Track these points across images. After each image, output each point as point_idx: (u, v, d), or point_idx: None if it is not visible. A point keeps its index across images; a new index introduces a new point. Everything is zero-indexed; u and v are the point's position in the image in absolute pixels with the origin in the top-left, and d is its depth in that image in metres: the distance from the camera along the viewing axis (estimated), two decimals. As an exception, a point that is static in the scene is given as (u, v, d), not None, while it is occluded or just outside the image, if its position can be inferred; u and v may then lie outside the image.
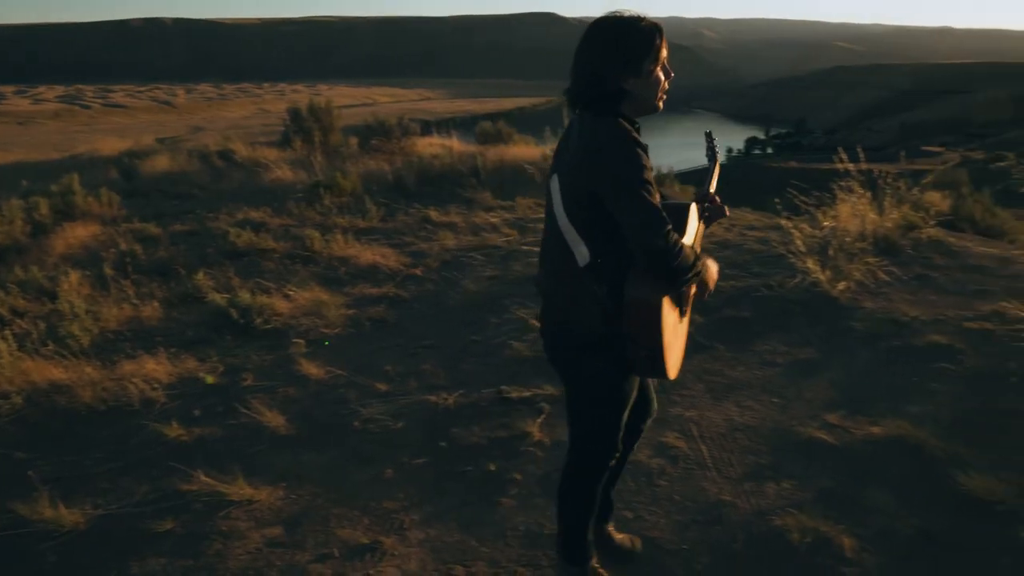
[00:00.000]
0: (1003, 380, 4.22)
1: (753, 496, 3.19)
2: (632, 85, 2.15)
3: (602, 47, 2.15)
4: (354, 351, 4.87)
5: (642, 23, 2.16)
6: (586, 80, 2.16)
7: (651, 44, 2.16)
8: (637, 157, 2.06)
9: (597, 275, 2.17)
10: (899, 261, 6.77)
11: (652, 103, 2.22)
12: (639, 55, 2.14)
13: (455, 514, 3.12)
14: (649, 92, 2.19)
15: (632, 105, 2.19)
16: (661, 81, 2.21)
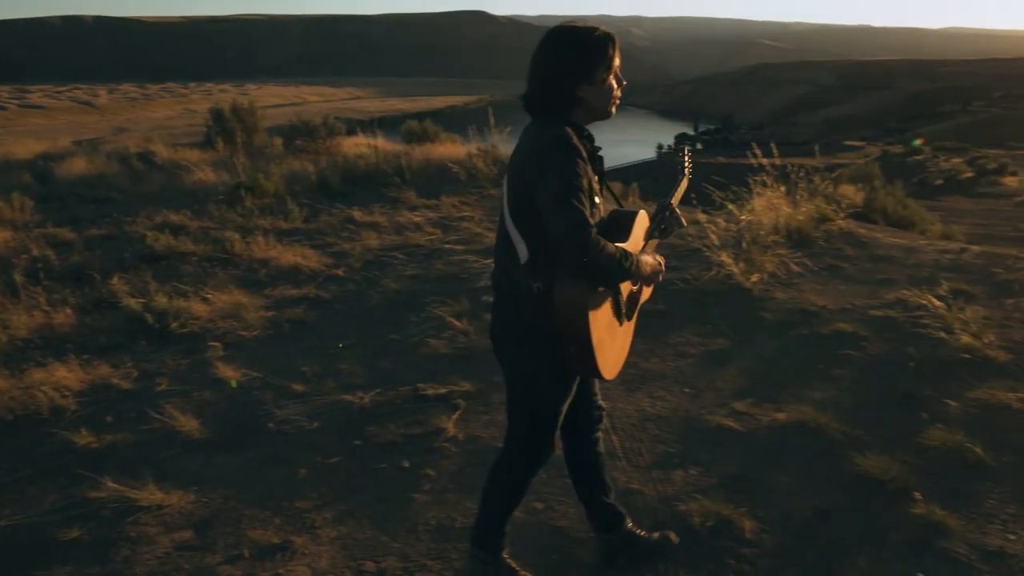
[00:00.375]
0: (902, 365, 4.43)
1: (661, 483, 3.29)
2: (586, 92, 2.24)
3: (558, 55, 2.23)
4: (272, 353, 4.83)
5: (596, 33, 2.24)
6: (543, 87, 2.25)
7: (605, 53, 2.24)
8: (572, 163, 2.12)
9: (534, 272, 2.24)
10: (811, 252, 7.03)
11: (605, 109, 2.31)
12: (594, 63, 2.23)
13: (368, 511, 3.14)
14: (603, 99, 2.28)
15: (585, 112, 2.28)
16: (614, 88, 2.29)
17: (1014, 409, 3.87)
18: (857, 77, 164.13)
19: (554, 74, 2.23)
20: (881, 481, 3.21)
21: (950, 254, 7.16)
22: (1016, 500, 3.15)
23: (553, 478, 3.34)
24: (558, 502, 3.17)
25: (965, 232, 14.79)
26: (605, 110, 2.31)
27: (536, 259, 2.24)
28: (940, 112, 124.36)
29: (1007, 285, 6.02)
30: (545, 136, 2.19)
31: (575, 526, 3.01)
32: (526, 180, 2.19)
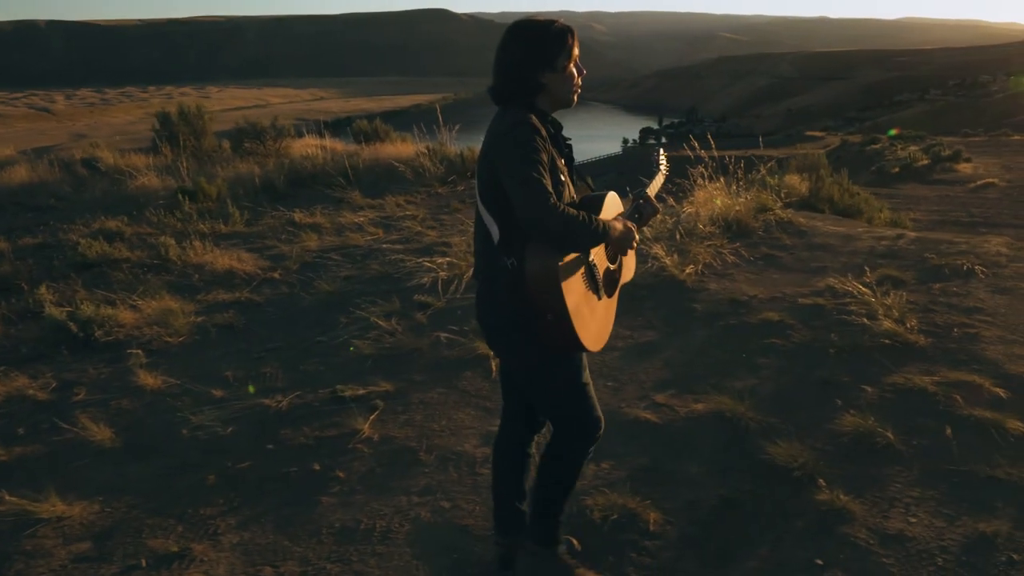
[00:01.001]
0: (823, 352, 4.47)
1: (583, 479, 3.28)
2: (549, 79, 2.36)
3: (522, 47, 2.36)
4: (197, 359, 4.76)
5: (556, 24, 2.39)
6: (508, 77, 2.37)
7: (564, 42, 2.37)
8: (530, 139, 2.23)
9: (507, 249, 2.31)
10: (749, 243, 7.09)
11: (567, 97, 2.43)
12: (555, 53, 2.35)
13: (273, 516, 3.10)
14: (564, 86, 2.40)
15: (549, 99, 2.40)
16: (574, 77, 2.42)
17: (929, 392, 3.93)
18: (817, 68, 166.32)
19: (518, 64, 2.35)
20: (789, 469, 3.24)
21: (886, 241, 7.26)
22: (921, 483, 3.20)
23: (464, 477, 3.34)
24: (466, 501, 3.16)
25: (921, 218, 15.05)
26: (567, 97, 2.43)
27: (508, 236, 2.31)
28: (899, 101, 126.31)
29: (937, 270, 6.12)
30: (508, 119, 2.30)
31: (479, 524, 3.00)
32: (490, 160, 2.29)
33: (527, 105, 2.36)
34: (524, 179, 2.17)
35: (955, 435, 3.51)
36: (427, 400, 4.05)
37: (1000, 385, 3.98)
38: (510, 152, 2.23)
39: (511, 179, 2.21)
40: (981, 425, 3.61)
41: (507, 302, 2.33)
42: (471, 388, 4.19)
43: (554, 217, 2.15)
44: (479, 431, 3.70)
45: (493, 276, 2.37)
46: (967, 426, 3.61)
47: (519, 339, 2.37)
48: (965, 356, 4.40)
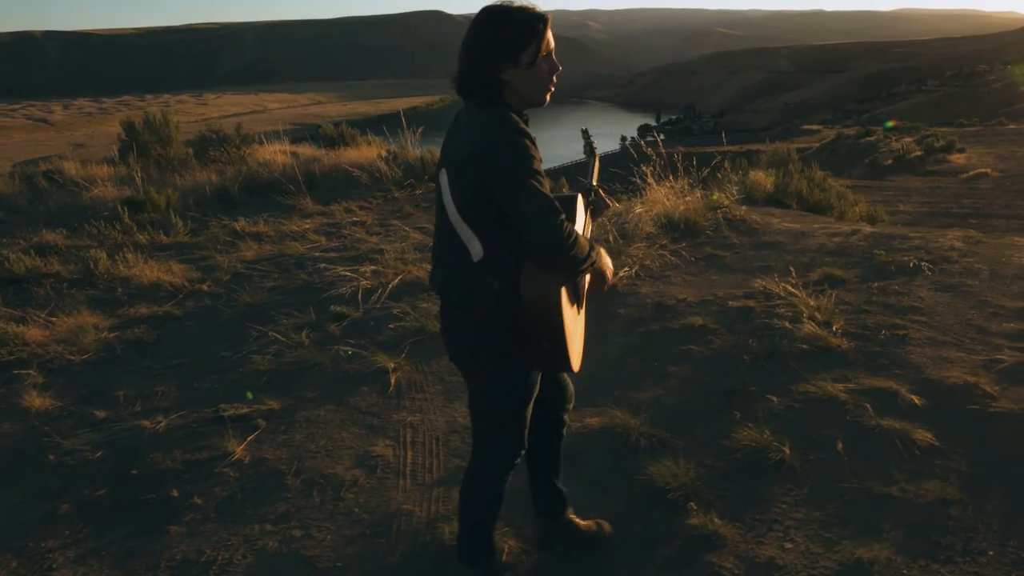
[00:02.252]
0: (737, 360, 4.29)
1: (438, 503, 3.10)
2: (512, 76, 2.09)
3: (481, 36, 2.09)
4: (94, 377, 4.59)
5: (524, 12, 2.09)
6: (466, 69, 2.11)
7: (531, 35, 2.09)
8: (526, 148, 2.00)
9: (492, 269, 2.11)
10: (695, 243, 6.92)
11: (535, 96, 2.16)
12: (518, 45, 2.08)
13: (115, 547, 2.93)
14: (530, 85, 2.12)
15: (515, 96, 2.13)
16: (543, 74, 2.13)
17: (839, 401, 3.74)
18: (813, 62, 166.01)
19: (479, 54, 2.09)
20: (665, 490, 3.05)
21: (839, 237, 7.08)
22: (809, 503, 3.01)
23: (326, 502, 3.16)
24: (319, 528, 2.97)
25: (910, 210, 14.86)
26: (534, 97, 2.16)
27: (494, 255, 2.11)
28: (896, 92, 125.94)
29: (883, 268, 5.94)
30: (487, 123, 2.05)
31: (325, 554, 2.81)
32: (474, 171, 2.04)
33: (498, 102, 2.11)
34: (532, 198, 1.97)
35: (856, 448, 3.34)
36: (313, 418, 3.88)
37: (917, 392, 3.80)
38: (511, 164, 1.99)
39: (516, 197, 1.99)
40: (887, 436, 3.42)
41: (485, 325, 2.16)
42: (363, 405, 4.01)
43: (569, 248, 2.01)
44: (356, 451, 3.53)
45: (466, 296, 2.15)
46: (871, 437, 3.43)
47: (488, 358, 2.23)
48: (887, 360, 4.21)
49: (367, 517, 3.03)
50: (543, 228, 1.98)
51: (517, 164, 1.99)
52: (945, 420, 3.54)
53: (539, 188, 1.99)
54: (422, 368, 4.42)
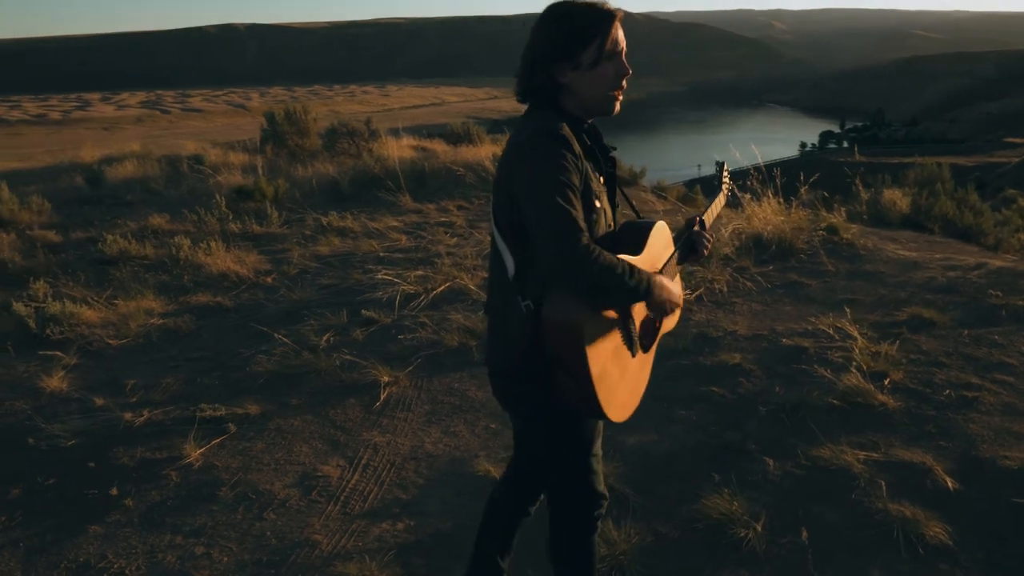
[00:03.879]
0: (753, 409, 3.80)
1: (350, 537, 2.90)
2: (570, 79, 1.89)
3: (540, 34, 1.91)
4: (119, 363, 4.73)
5: (588, 8, 1.89)
6: (523, 71, 1.93)
7: (593, 33, 1.87)
8: (558, 156, 1.78)
9: (522, 287, 1.88)
10: (785, 267, 6.33)
11: (599, 103, 1.94)
12: (577, 44, 1.87)
13: (33, 541, 2.95)
14: (592, 89, 1.91)
15: (574, 102, 1.92)
16: (608, 77, 1.91)
17: (850, 474, 3.21)
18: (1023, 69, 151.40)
19: (536, 54, 1.89)
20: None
21: (956, 271, 6.25)
22: (759, 594, 2.56)
23: (245, 520, 3.03)
24: (222, 550, 2.84)
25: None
26: (598, 103, 1.94)
27: (524, 272, 1.88)
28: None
29: (991, 312, 5.17)
30: (529, 127, 1.87)
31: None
32: (506, 177, 1.88)
33: (553, 108, 1.91)
34: (548, 207, 1.73)
35: (842, 536, 2.83)
36: (284, 427, 3.78)
37: (955, 472, 3.20)
38: (531, 169, 1.79)
39: (531, 204, 1.77)
40: (888, 526, 2.88)
41: (521, 349, 1.89)
42: (340, 418, 3.87)
43: (584, 265, 1.71)
44: (305, 468, 3.39)
45: (506, 316, 1.92)
46: (868, 525, 2.90)
47: (529, 391, 1.93)
48: (936, 428, 3.59)
49: (274, 543, 2.88)
50: (551, 240, 1.71)
51: (540, 171, 1.77)
52: (974, 514, 2.95)
53: (557, 198, 1.73)
54: (420, 384, 4.24)
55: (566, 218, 1.72)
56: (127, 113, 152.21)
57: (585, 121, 1.95)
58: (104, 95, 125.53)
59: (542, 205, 1.74)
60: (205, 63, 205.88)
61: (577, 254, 1.70)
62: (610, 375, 1.87)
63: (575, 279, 1.73)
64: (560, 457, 2.06)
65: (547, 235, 1.72)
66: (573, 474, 2.08)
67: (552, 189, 1.74)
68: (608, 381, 1.86)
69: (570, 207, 1.74)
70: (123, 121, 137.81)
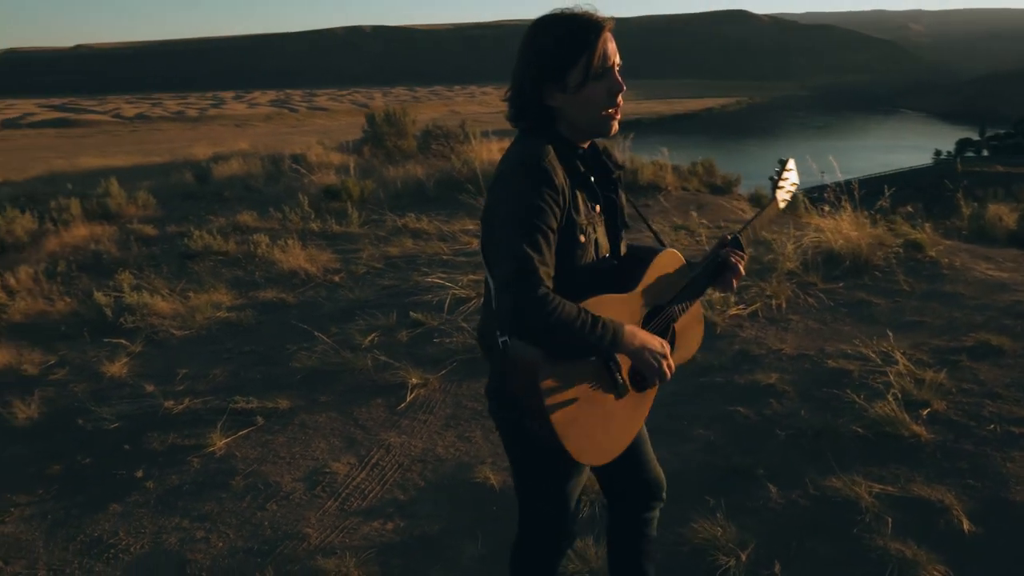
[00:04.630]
0: (771, 434, 3.68)
1: (339, 533, 3.01)
2: (559, 101, 1.76)
3: (523, 53, 1.77)
4: (180, 353, 5.03)
5: (571, 21, 1.74)
6: (511, 95, 1.81)
7: (578, 49, 1.71)
8: (532, 194, 1.66)
9: (499, 321, 1.74)
10: (855, 284, 6.08)
11: (592, 125, 1.79)
12: (562, 64, 1.72)
13: (59, 513, 3.22)
14: (583, 112, 1.76)
15: (567, 125, 1.79)
16: (599, 97, 1.75)
17: (857, 507, 3.07)
18: None
19: (522, 75, 1.76)
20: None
21: (1046, 297, 5.84)
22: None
23: (249, 508, 3.19)
24: (219, 535, 3.01)
25: None
26: (591, 126, 1.80)
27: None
28: None
29: (1070, 342, 4.81)
30: (513, 153, 1.77)
31: (201, 562, 2.84)
32: (487, 210, 1.79)
33: (545, 132, 1.78)
34: (510, 249, 1.62)
35: (822, 572, 2.72)
36: (308, 423, 3.94)
37: (976, 514, 3.02)
38: (503, 204, 1.69)
39: (496, 242, 1.69)
40: (883, 564, 2.75)
41: (497, 381, 1.85)
42: (363, 417, 4.00)
43: (536, 316, 1.58)
44: (316, 464, 3.54)
45: (491, 345, 1.82)
46: (864, 562, 2.78)
47: (510, 418, 1.87)
48: (968, 465, 3.39)
49: (268, 533, 3.02)
50: (506, 285, 1.60)
51: (509, 210, 1.67)
52: (985, 560, 2.77)
53: (521, 243, 1.62)
54: (448, 388, 4.32)
55: (524, 265, 1.61)
56: (258, 111, 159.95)
57: (579, 146, 1.82)
58: (237, 93, 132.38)
59: (505, 246, 1.64)
60: (332, 63, 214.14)
61: (530, 304, 1.58)
62: (582, 422, 1.75)
63: (526, 328, 1.61)
64: (534, 482, 1.98)
65: (503, 278, 1.62)
66: (541, 500, 1.99)
67: (518, 231, 1.63)
68: (577, 425, 1.74)
69: (534, 252, 1.62)
70: (253, 118, 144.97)
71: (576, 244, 1.75)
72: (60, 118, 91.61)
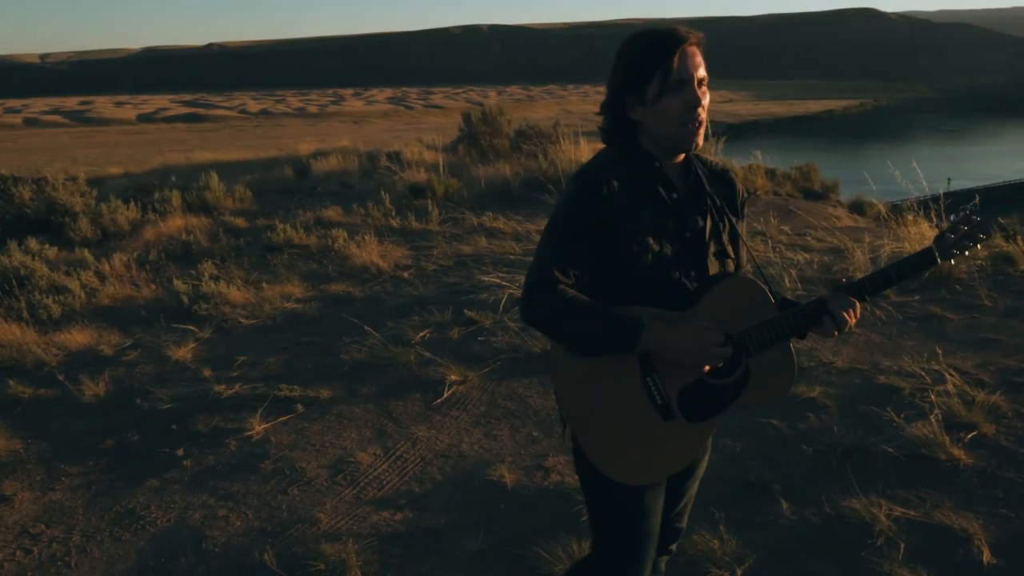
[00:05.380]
0: (799, 449, 3.58)
1: (350, 520, 3.14)
2: (640, 114, 1.80)
3: (612, 69, 1.82)
4: (244, 340, 5.30)
5: (652, 36, 1.77)
6: (603, 108, 1.86)
7: (654, 63, 1.74)
8: (575, 197, 1.77)
9: None
10: (932, 297, 5.81)
11: (671, 139, 1.80)
12: (640, 78, 1.75)
13: (102, 485, 3.48)
14: (661, 125, 1.78)
15: (649, 139, 1.83)
16: (675, 111, 1.75)
17: (871, 531, 2.96)
18: None
19: (608, 87, 1.82)
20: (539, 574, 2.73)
21: None
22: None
23: (272, 490, 3.35)
24: (239, 514, 3.18)
25: None
26: (671, 140, 1.80)
27: None
28: None
29: None
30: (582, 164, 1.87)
31: (218, 539, 3.01)
32: None
33: (628, 143, 1.84)
34: (541, 242, 1.78)
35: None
36: (344, 413, 4.10)
37: (1000, 546, 2.87)
38: (558, 201, 1.84)
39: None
40: (885, 591, 2.66)
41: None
42: (398, 410, 4.12)
43: (536, 297, 1.71)
44: (343, 453, 3.69)
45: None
46: (862, 587, 2.69)
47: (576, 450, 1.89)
48: (1005, 494, 3.22)
49: (284, 516, 3.18)
50: (528, 277, 1.76)
51: (557, 207, 1.82)
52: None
53: (550, 238, 1.76)
54: (487, 387, 4.40)
55: (543, 259, 1.74)
56: (375, 108, 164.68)
57: (667, 160, 1.83)
58: (356, 91, 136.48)
59: (539, 245, 1.79)
60: (448, 62, 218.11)
61: (536, 289, 1.71)
62: (607, 430, 1.78)
63: (530, 310, 1.73)
64: (603, 522, 1.95)
65: (528, 272, 1.76)
66: (608, 532, 1.95)
67: (550, 232, 1.77)
68: (604, 436, 1.78)
69: (557, 252, 1.74)
70: (371, 115, 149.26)
71: (626, 254, 1.77)
72: (190, 113, 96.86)
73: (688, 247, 1.84)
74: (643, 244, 1.77)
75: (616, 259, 1.78)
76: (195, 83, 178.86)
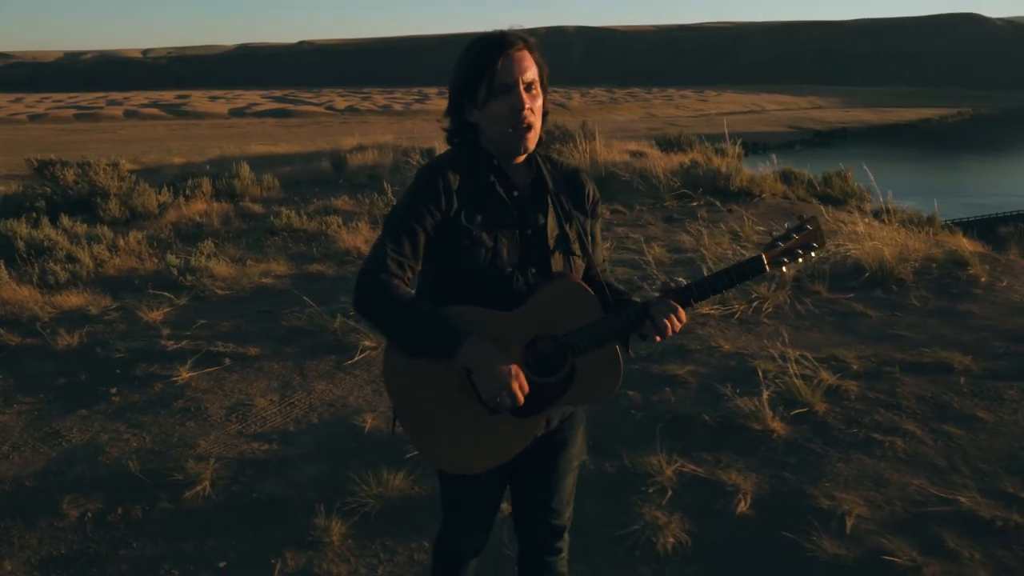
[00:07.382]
0: (630, 415, 4.01)
1: (223, 447, 3.73)
2: (475, 117, 1.87)
3: (451, 74, 1.89)
4: (212, 307, 5.98)
5: (481, 40, 1.84)
6: (446, 110, 1.93)
7: (481, 66, 1.81)
8: (419, 190, 1.84)
9: None
10: (867, 295, 6.08)
11: (502, 141, 1.86)
12: (470, 81, 1.82)
13: (43, 412, 4.18)
14: (492, 127, 1.85)
15: (488, 140, 1.89)
16: (501, 114, 1.81)
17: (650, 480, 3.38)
18: None
19: (449, 95, 1.89)
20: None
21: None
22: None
23: (167, 420, 3.98)
24: (139, 438, 3.82)
25: None
26: (502, 142, 1.86)
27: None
28: None
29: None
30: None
31: (134, 457, 3.66)
32: None
33: (469, 143, 1.91)
34: (382, 229, 1.86)
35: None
36: (264, 368, 4.71)
37: (762, 501, 3.27)
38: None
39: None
40: (628, 524, 3.09)
41: None
42: (310, 368, 4.71)
43: (364, 282, 1.78)
44: (245, 397, 4.31)
45: None
46: (618, 524, 3.12)
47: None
48: (799, 460, 3.59)
49: (174, 441, 3.81)
50: (362, 267, 1.83)
51: (401, 199, 1.89)
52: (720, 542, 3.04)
53: (387, 229, 1.84)
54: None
55: (377, 253, 1.81)
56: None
57: (506, 160, 1.90)
58: (440, 90, 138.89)
59: (383, 225, 1.88)
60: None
61: (365, 283, 1.78)
62: (430, 421, 1.87)
63: (360, 300, 1.80)
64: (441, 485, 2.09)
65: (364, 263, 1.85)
66: (448, 504, 2.10)
67: (388, 225, 1.84)
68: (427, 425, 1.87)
69: (392, 244, 1.80)
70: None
71: (460, 249, 1.83)
72: (279, 108, 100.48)
73: (529, 244, 1.89)
74: (477, 239, 1.83)
75: (452, 254, 1.84)
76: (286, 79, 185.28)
